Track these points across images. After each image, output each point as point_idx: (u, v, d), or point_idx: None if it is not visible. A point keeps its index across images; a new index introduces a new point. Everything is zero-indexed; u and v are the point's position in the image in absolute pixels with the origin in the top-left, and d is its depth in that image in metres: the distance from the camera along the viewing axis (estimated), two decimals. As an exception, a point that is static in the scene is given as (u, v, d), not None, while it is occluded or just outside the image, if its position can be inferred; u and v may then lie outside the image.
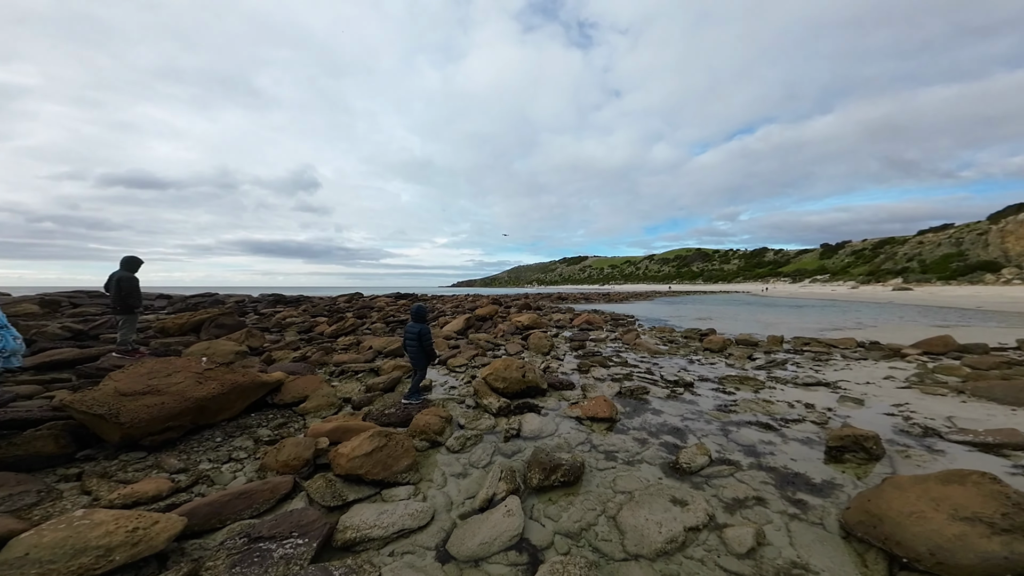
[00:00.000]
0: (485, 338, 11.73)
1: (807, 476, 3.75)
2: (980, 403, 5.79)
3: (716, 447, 4.40)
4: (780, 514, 3.18)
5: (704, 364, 8.95)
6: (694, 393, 6.53)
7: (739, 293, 70.06)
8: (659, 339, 12.75)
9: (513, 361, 6.31)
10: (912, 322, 18.92)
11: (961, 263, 68.26)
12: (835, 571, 2.60)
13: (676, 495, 3.38)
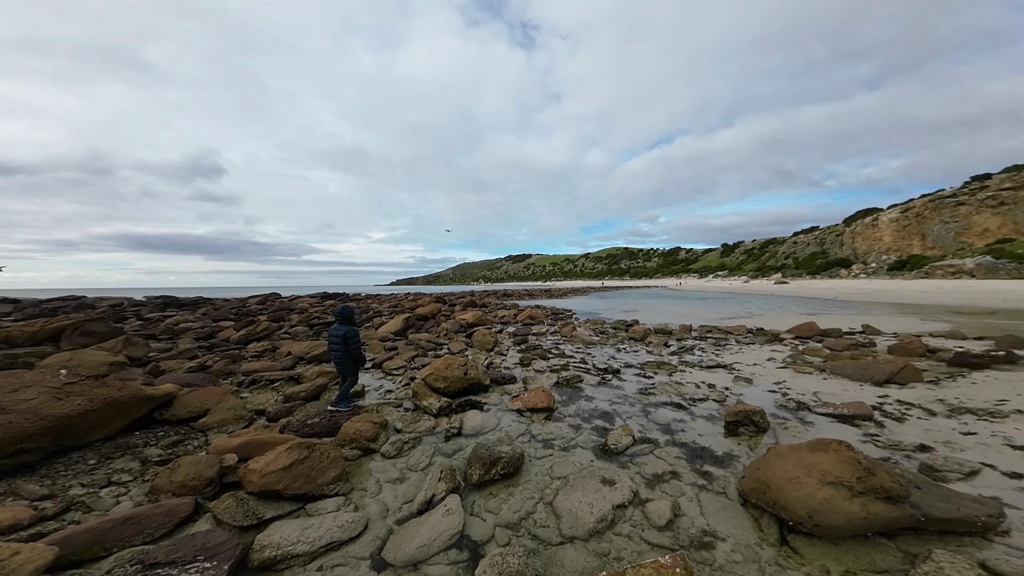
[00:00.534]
0: (426, 338, 11.34)
1: (711, 449, 4.16)
2: (837, 380, 6.80)
3: (639, 427, 4.74)
4: (691, 486, 3.48)
5: (629, 352, 9.64)
6: (621, 379, 7.00)
7: (658, 287, 75.29)
8: (592, 331, 13.41)
9: (455, 359, 6.22)
10: (788, 311, 21.80)
11: (823, 260, 79.04)
12: (738, 537, 2.83)
13: (605, 475, 3.57)
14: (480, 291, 60.34)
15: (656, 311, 23.06)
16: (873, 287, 42.62)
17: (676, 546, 2.75)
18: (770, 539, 2.82)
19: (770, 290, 49.44)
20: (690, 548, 2.73)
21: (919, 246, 63.63)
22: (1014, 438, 4.28)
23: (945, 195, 63.94)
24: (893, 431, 4.61)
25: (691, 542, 2.79)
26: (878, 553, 2.63)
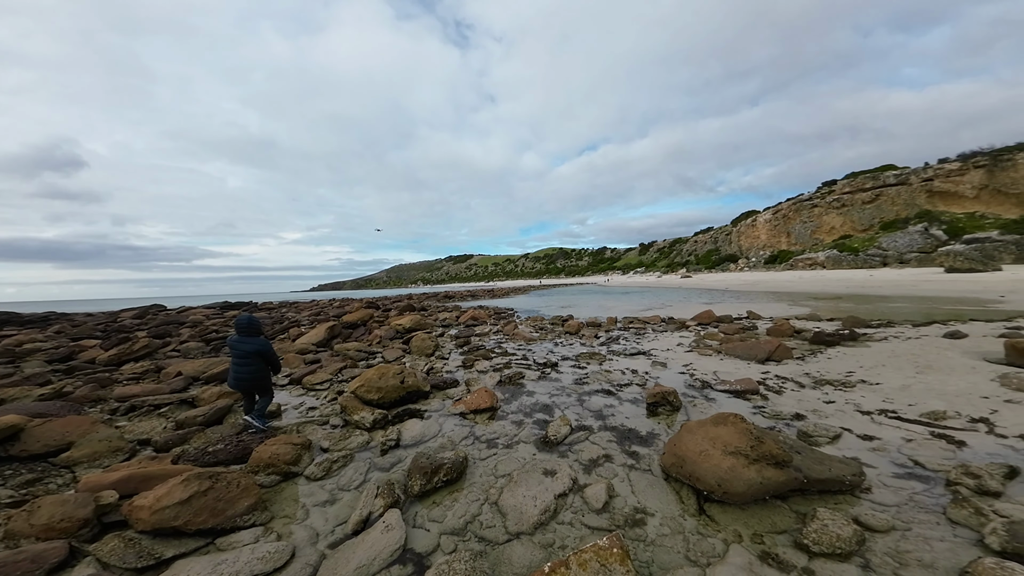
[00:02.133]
0: (356, 347, 9.82)
1: (637, 430, 4.28)
2: (731, 360, 7.40)
3: (575, 417, 4.75)
4: (622, 467, 3.51)
5: (565, 345, 9.70)
6: (558, 371, 7.00)
7: (589, 284, 75.63)
8: (533, 327, 13.23)
9: (389, 368, 5.55)
10: (691, 301, 23.57)
11: (717, 256, 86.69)
12: (663, 510, 2.90)
13: (547, 467, 3.50)
14: (419, 294, 54.46)
15: (588, 306, 23.65)
16: (754, 278, 47.38)
17: (613, 527, 2.76)
18: (690, 510, 2.92)
19: (678, 283, 52.85)
20: (625, 527, 2.76)
21: (786, 242, 71.29)
22: (861, 404, 4.84)
23: (803, 199, 71.59)
24: (775, 403, 5.05)
25: (625, 521, 2.82)
26: (776, 515, 2.79)
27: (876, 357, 6.85)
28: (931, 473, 3.16)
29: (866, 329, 9.70)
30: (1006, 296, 16.60)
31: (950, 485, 2.94)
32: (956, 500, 2.70)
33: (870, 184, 60.42)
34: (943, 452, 3.47)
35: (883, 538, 2.48)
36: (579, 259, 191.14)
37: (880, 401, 4.82)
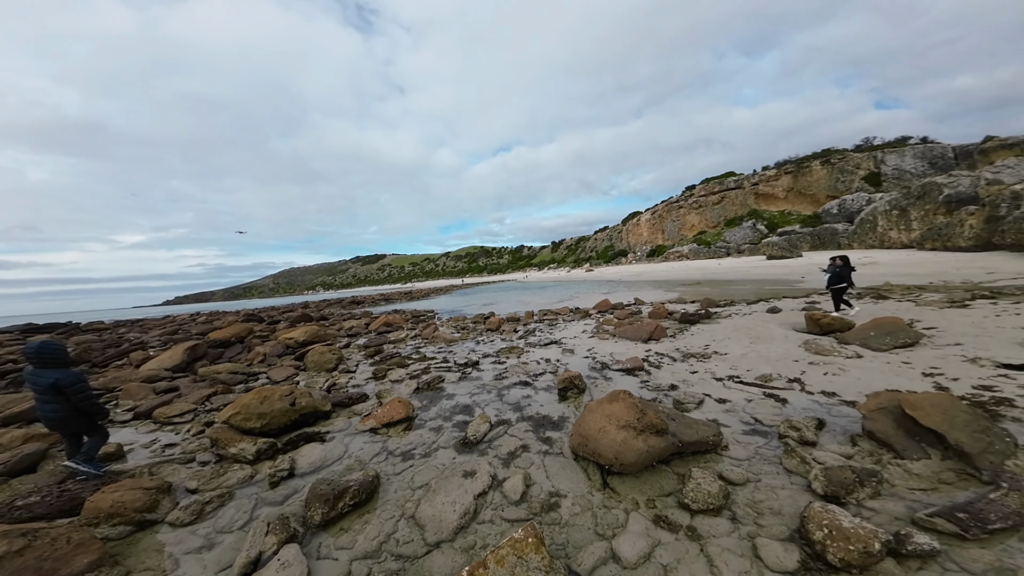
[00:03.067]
0: (230, 369, 7.90)
1: (550, 416, 4.32)
2: (623, 341, 8.01)
3: (495, 412, 4.62)
4: (538, 454, 3.51)
5: (486, 343, 9.43)
6: (479, 369, 6.71)
7: (510, 281, 73.80)
8: (455, 328, 12.59)
9: (275, 390, 4.58)
10: (594, 292, 25.45)
11: (612, 251, 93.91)
12: (574, 489, 2.95)
13: (467, 468, 3.34)
14: (319, 301, 45.89)
15: (509, 302, 23.59)
16: (640, 269, 53.06)
17: (530, 515, 2.73)
18: (596, 485, 2.99)
19: (583, 277, 56.03)
20: (541, 513, 2.75)
21: (661, 238, 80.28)
22: (716, 372, 5.56)
23: (672, 201, 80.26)
24: (656, 376, 5.55)
25: (541, 507, 2.80)
26: (663, 479, 2.98)
27: (724, 331, 8.00)
28: (768, 428, 3.70)
29: (717, 308, 11.41)
30: (805, 277, 21.06)
31: (781, 438, 3.44)
32: (787, 451, 3.17)
33: (717, 188, 70.72)
34: (773, 409, 4.10)
35: (742, 490, 2.81)
36: (500, 257, 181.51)
37: (728, 368, 5.62)
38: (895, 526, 2.27)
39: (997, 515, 2.14)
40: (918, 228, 32.43)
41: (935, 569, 2.02)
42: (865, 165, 52.95)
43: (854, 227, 39.95)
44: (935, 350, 5.54)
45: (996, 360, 4.78)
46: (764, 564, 2.16)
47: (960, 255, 24.54)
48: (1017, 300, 8.72)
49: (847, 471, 2.65)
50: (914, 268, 20.25)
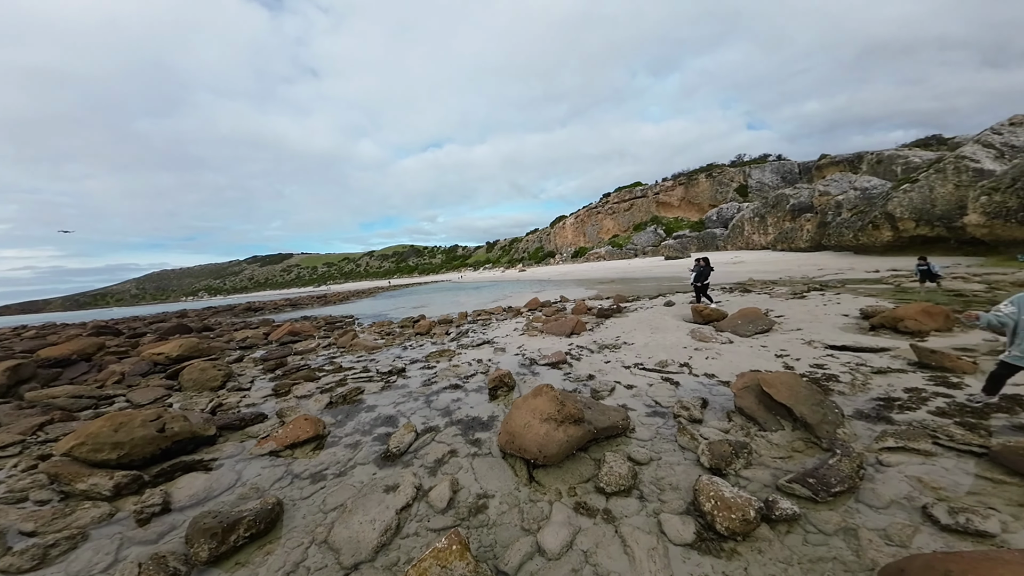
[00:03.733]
0: (71, 392, 6.26)
1: (480, 418, 4.17)
2: (550, 337, 8.14)
3: (422, 420, 4.30)
4: (467, 457, 3.35)
5: (415, 348, 8.72)
6: (406, 377, 6.12)
7: (444, 282, 69.36)
8: (378, 334, 11.32)
9: (133, 415, 3.70)
10: (526, 291, 25.87)
11: (542, 252, 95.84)
12: (502, 487, 2.88)
13: (389, 482, 3.05)
14: (201, 309, 38.37)
15: (442, 303, 22.29)
16: (566, 269, 55.59)
17: (458, 522, 2.59)
18: (523, 480, 2.95)
19: (517, 276, 56.35)
20: (469, 518, 2.63)
21: (583, 241, 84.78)
22: (624, 360, 5.96)
23: (592, 207, 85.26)
24: (577, 368, 5.75)
25: (469, 511, 2.68)
26: (582, 465, 3.05)
27: (631, 324, 8.67)
28: (665, 409, 4.03)
29: (626, 303, 12.40)
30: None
31: (675, 417, 3.77)
32: (680, 429, 3.48)
33: (627, 196, 77.30)
34: (669, 392, 4.51)
35: (647, 469, 2.99)
36: (432, 256, 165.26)
37: (634, 357, 6.07)
38: (764, 493, 2.55)
39: (836, 479, 2.48)
40: (772, 232, 39.14)
41: (798, 532, 2.26)
42: (737, 178, 62.21)
43: (728, 231, 46.83)
44: (783, 335, 6.65)
45: (825, 342, 5.88)
46: (668, 539, 2.29)
47: (800, 255, 30.17)
48: (838, 292, 10.95)
49: (725, 445, 2.97)
50: (769, 266, 24.39)
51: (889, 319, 6.12)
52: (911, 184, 23.44)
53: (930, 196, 21.61)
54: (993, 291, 10.80)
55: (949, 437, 2.87)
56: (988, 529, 2.08)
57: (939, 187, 21.23)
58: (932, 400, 3.59)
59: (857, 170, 41.18)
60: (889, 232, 24.21)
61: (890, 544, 2.12)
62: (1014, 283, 11.63)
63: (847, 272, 17.79)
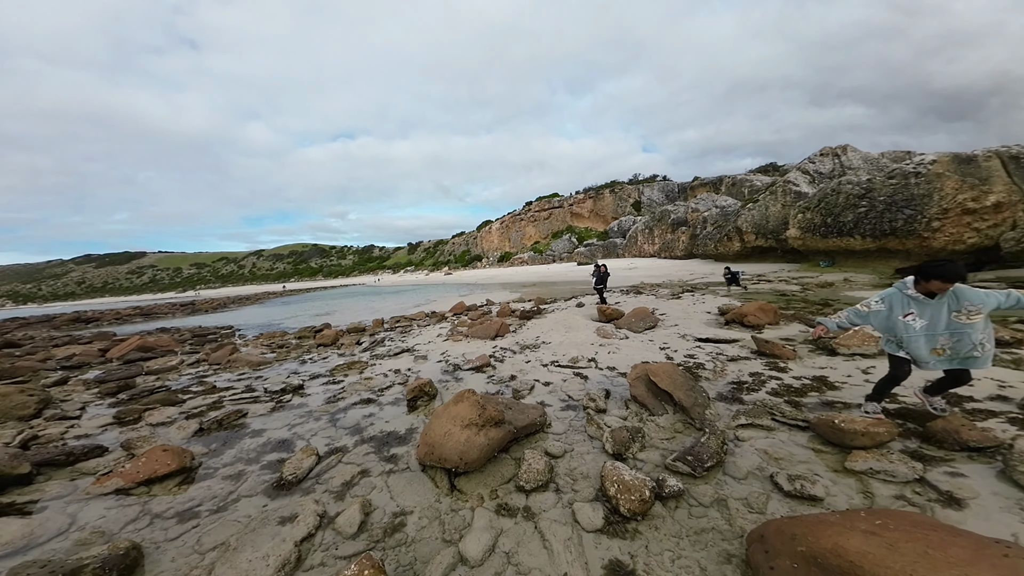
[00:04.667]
0: None
1: (397, 432, 3.86)
2: (475, 341, 7.98)
3: (326, 441, 3.80)
4: (381, 475, 3.08)
5: (317, 361, 7.65)
6: (303, 395, 5.32)
7: (357, 285, 63.41)
8: (267, 347, 9.59)
9: None
10: (452, 295, 25.26)
11: (469, 256, 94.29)
12: (421, 501, 2.69)
13: (284, 513, 2.64)
14: (5, 320, 29.93)
15: (353, 310, 19.97)
16: (493, 273, 56.09)
17: (371, 545, 2.33)
18: (444, 490, 2.81)
19: (442, 280, 54.45)
20: (384, 538, 2.39)
21: (509, 246, 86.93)
22: (542, 359, 6.16)
23: (516, 214, 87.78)
24: (500, 370, 5.74)
25: (385, 532, 2.44)
26: (504, 467, 3.01)
27: (549, 324, 9.03)
28: (576, 402, 4.25)
29: (545, 305, 13.01)
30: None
31: (585, 409, 3.99)
32: (588, 419, 3.70)
33: (547, 206, 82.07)
34: (580, 386, 4.78)
35: (562, 461, 3.09)
36: (341, 257, 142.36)
37: (551, 355, 6.34)
38: (656, 473, 2.79)
39: (707, 455, 2.82)
40: (658, 242, 45.34)
41: (684, 506, 2.50)
42: (633, 195, 70.76)
43: (625, 241, 52.83)
44: (665, 330, 7.68)
45: (695, 335, 6.93)
46: (581, 527, 2.37)
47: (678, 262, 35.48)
48: (703, 293, 13.11)
49: (624, 431, 3.24)
50: (655, 271, 28.19)
51: (737, 315, 7.52)
52: (753, 204, 29.56)
53: (766, 214, 27.49)
54: (804, 290, 14.20)
55: (782, 414, 3.46)
56: (816, 493, 2.42)
57: (772, 207, 27.16)
58: (769, 382, 4.40)
59: (719, 191, 50.36)
60: (738, 243, 30.12)
61: (751, 511, 2.38)
62: (819, 284, 15.50)
63: (710, 276, 21.52)
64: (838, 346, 5.19)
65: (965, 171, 15.85)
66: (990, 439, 2.69)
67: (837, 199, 20.34)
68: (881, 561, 1.51)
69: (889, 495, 2.40)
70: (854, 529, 1.70)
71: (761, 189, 33.89)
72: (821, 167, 28.44)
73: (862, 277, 17.02)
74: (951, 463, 2.60)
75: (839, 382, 4.23)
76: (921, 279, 2.65)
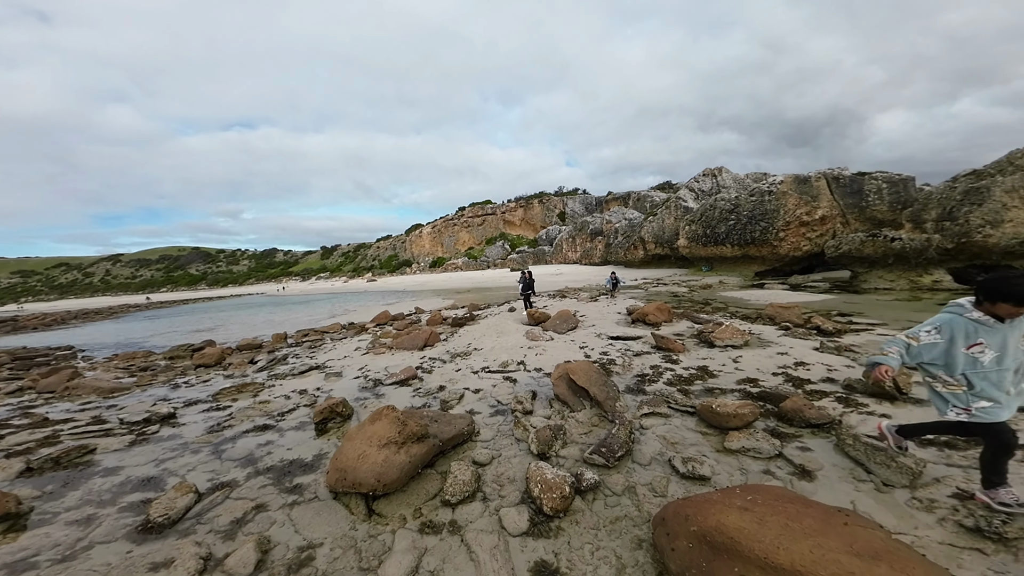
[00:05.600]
0: None
1: (302, 459, 3.42)
2: (400, 352, 7.42)
3: (207, 476, 3.25)
4: (282, 509, 2.70)
5: (195, 385, 6.48)
6: (176, 424, 4.56)
7: (255, 295, 53.94)
8: (124, 370, 8.01)
9: None
10: (375, 303, 23.43)
11: (397, 261, 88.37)
12: (333, 531, 2.45)
13: (157, 558, 2.21)
14: None
15: (246, 324, 17.31)
16: (424, 279, 53.73)
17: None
18: (361, 516, 2.58)
19: (364, 287, 50.65)
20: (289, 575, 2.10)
21: (441, 251, 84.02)
22: (473, 366, 6.08)
23: (449, 218, 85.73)
24: (427, 382, 5.45)
25: (288, 568, 2.15)
26: (429, 483, 2.86)
27: (482, 330, 8.99)
28: (505, 406, 4.26)
29: (479, 311, 12.98)
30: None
31: (512, 412, 4.02)
32: (516, 422, 3.74)
33: (480, 212, 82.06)
34: (508, 389, 4.82)
35: (489, 469, 3.03)
36: (234, 263, 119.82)
37: (482, 361, 6.30)
38: (576, 468, 2.90)
39: (617, 445, 3.04)
40: (579, 250, 49.06)
41: (600, 497, 2.61)
42: (559, 206, 75.46)
43: (553, 248, 56.02)
44: (584, 330, 8.28)
45: (608, 334, 7.60)
46: (508, 533, 2.34)
47: (595, 268, 38.76)
48: (615, 296, 14.49)
49: (547, 430, 3.34)
50: (578, 276, 30.40)
51: (640, 315, 8.49)
52: (653, 217, 33.97)
53: (662, 226, 31.79)
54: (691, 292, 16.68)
55: (675, 401, 3.93)
56: (705, 473, 2.69)
57: (667, 219, 31.50)
58: (665, 373, 5.01)
59: (628, 205, 56.64)
60: (642, 251, 34.29)
61: (656, 495, 2.57)
62: (702, 286, 18.39)
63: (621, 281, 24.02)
64: (715, 340, 6.18)
65: (802, 190, 20.27)
66: (826, 416, 3.23)
67: (714, 213, 24.56)
68: (753, 535, 1.68)
69: (758, 470, 2.79)
70: (732, 506, 1.87)
71: (659, 204, 39.28)
72: (703, 185, 34.17)
73: (732, 279, 20.86)
74: (800, 439, 3.10)
75: (717, 370, 5.03)
76: (984, 300, 2.00)
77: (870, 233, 16.28)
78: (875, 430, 2.90)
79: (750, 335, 6.54)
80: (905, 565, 1.49)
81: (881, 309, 9.99)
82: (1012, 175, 12.72)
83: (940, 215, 14.27)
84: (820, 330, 6.83)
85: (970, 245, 13.39)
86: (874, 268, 15.73)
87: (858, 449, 2.75)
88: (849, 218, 19.34)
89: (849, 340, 6.20)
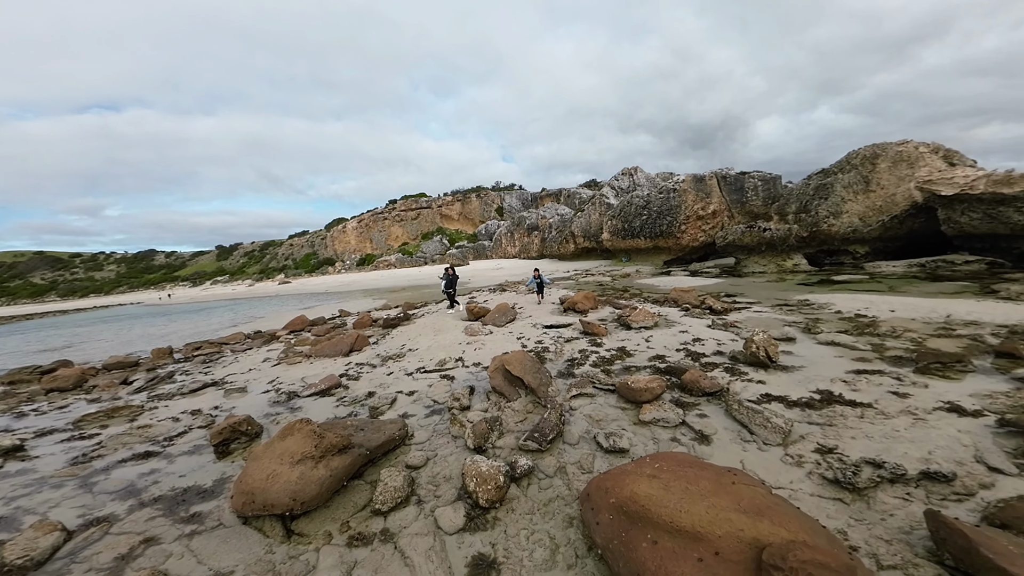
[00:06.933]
0: None
1: (199, 485, 3.02)
2: (320, 360, 6.78)
3: (77, 512, 2.77)
4: (178, 540, 2.40)
5: (48, 412, 5.38)
6: (26, 458, 3.80)
7: (128, 305, 45.79)
8: None
9: None
10: (288, 308, 20.91)
11: (315, 260, 79.73)
12: (247, 558, 2.23)
13: None
14: None
15: (117, 339, 14.45)
16: (350, 279, 49.34)
17: None
18: (278, 538, 2.37)
19: (275, 291, 44.70)
20: None
21: (370, 247, 77.70)
22: (407, 368, 5.85)
23: (378, 212, 79.36)
24: (354, 389, 5.08)
25: None
26: (356, 494, 2.73)
27: (417, 330, 8.70)
28: (441, 405, 4.21)
29: (415, 310, 12.44)
30: (471, 279, 27.08)
31: (449, 411, 3.97)
32: (452, 420, 3.71)
33: (414, 206, 77.63)
34: (446, 388, 4.75)
35: (424, 471, 2.97)
36: (96, 268, 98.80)
37: (417, 362, 6.09)
38: (512, 456, 2.98)
39: (549, 429, 3.20)
40: (518, 244, 50.06)
41: (535, 482, 2.71)
42: (496, 201, 75.35)
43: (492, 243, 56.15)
44: (521, 322, 8.55)
45: (543, 324, 7.97)
46: (444, 532, 2.33)
47: (533, 261, 40.02)
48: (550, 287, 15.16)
49: (484, 423, 3.39)
50: (517, 270, 31.07)
51: (571, 303, 9.07)
52: (581, 213, 36.19)
53: (589, 221, 34.05)
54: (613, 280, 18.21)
55: (599, 381, 4.26)
56: (623, 446, 2.93)
57: (593, 215, 33.80)
58: (591, 356, 5.44)
59: (560, 201, 59.38)
60: (573, 245, 36.40)
61: (583, 472, 2.73)
62: (622, 275, 20.20)
63: (555, 273, 25.27)
64: (631, 322, 6.92)
65: (699, 188, 23.47)
66: (716, 385, 3.76)
67: (630, 209, 27.20)
68: (660, 501, 1.81)
69: (667, 439, 3.13)
70: (642, 475, 2.02)
71: (587, 200, 42.03)
72: (622, 183, 37.46)
73: (646, 268, 23.46)
74: (698, 407, 3.53)
75: (633, 349, 5.63)
76: None
77: (748, 225, 19.68)
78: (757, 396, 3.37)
79: (659, 316, 7.43)
80: (783, 519, 1.65)
81: (756, 289, 12.17)
82: (848, 173, 16.20)
83: (798, 208, 17.86)
84: (712, 309, 8.06)
85: (819, 233, 17.01)
86: (752, 255, 19.09)
87: (742, 413, 3.20)
88: (734, 212, 23.03)
89: (733, 317, 7.44)
